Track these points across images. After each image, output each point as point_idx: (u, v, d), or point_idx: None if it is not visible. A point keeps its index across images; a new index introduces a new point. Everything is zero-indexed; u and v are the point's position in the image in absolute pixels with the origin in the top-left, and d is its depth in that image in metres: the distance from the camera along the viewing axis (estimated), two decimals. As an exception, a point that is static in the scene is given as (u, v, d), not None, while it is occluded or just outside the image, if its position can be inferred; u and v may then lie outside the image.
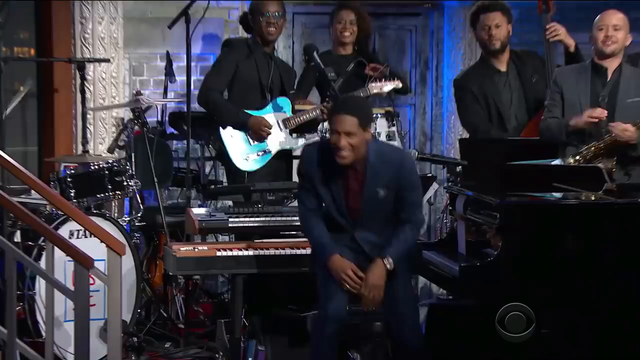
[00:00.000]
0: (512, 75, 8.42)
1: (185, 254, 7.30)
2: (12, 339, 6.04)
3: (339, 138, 6.25)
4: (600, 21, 7.54)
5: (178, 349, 7.88)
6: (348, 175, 6.42)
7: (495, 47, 8.40)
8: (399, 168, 6.45)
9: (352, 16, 8.87)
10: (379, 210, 6.48)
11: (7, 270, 6.16)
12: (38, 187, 6.51)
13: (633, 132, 7.25)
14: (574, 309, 6.18)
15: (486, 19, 8.41)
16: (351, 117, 6.26)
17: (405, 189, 6.43)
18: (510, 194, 6.52)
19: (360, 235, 6.49)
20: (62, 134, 9.65)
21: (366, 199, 6.43)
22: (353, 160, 6.33)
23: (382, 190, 6.40)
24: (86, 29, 9.76)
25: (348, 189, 6.45)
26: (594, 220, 6.30)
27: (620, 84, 7.47)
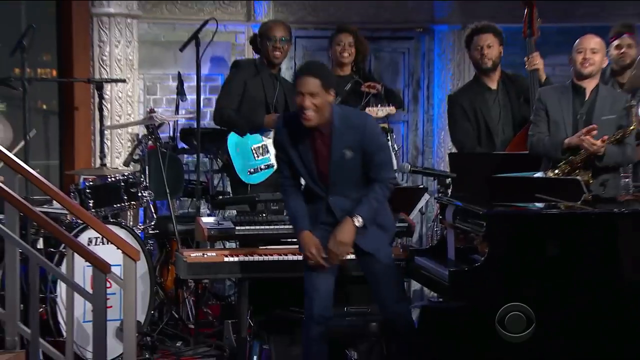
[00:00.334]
0: (501, 93, 8.42)
1: (195, 260, 7.30)
2: (36, 338, 6.04)
3: (303, 99, 6.21)
4: (579, 45, 7.55)
5: (188, 348, 7.88)
6: (315, 139, 6.34)
7: (487, 65, 8.40)
8: (363, 130, 6.36)
9: (350, 39, 8.86)
10: (349, 173, 6.37)
11: (30, 275, 6.18)
12: (59, 197, 6.52)
13: (600, 146, 7.27)
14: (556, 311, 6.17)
15: (479, 40, 8.42)
16: (314, 79, 6.23)
17: (371, 151, 6.34)
18: (496, 204, 6.53)
19: (333, 200, 6.39)
20: (82, 148, 9.66)
21: (334, 161, 6.33)
22: (318, 122, 6.27)
23: (348, 151, 6.31)
24: (104, 52, 9.78)
25: (317, 154, 6.36)
26: (573, 228, 6.30)
27: (596, 102, 7.48)
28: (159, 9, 10.36)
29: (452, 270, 6.38)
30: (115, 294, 7.02)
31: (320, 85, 6.23)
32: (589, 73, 7.48)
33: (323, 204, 6.43)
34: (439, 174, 7.86)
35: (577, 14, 10.69)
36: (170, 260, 8.51)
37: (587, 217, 6.38)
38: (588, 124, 7.40)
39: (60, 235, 6.30)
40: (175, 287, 8.46)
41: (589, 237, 6.26)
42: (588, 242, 6.24)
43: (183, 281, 8.25)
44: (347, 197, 6.40)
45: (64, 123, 9.82)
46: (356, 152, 6.33)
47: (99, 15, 9.79)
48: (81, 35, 9.75)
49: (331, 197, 6.40)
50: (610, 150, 7.32)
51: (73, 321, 6.32)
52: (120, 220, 8.00)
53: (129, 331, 6.32)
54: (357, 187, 6.42)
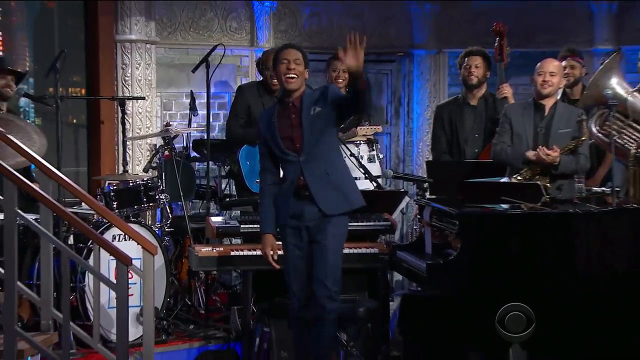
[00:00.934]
0: (480, 109, 8.39)
1: (205, 254, 7.30)
2: (67, 322, 6.04)
3: (289, 63, 6.26)
4: (539, 68, 7.56)
5: (200, 330, 7.87)
6: (290, 114, 6.32)
7: (472, 82, 8.38)
8: (324, 89, 6.40)
9: (344, 66, 8.77)
10: (319, 133, 6.28)
11: (62, 267, 6.17)
12: (87, 200, 6.51)
13: (555, 156, 7.29)
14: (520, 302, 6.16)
15: (469, 60, 8.43)
16: (297, 51, 6.35)
17: (334, 96, 6.31)
18: (467, 205, 6.52)
19: (304, 160, 6.26)
20: (107, 157, 9.66)
21: (303, 116, 6.27)
22: (298, 87, 6.30)
23: (316, 107, 6.28)
24: (126, 73, 9.78)
25: (291, 124, 6.30)
26: (534, 226, 6.30)
27: (554, 118, 7.49)
28: (174, 36, 10.37)
29: (429, 263, 6.38)
30: (136, 284, 7.02)
31: (302, 57, 6.33)
32: (547, 93, 7.50)
33: (297, 172, 6.30)
34: (417, 180, 7.86)
35: (537, 40, 10.72)
36: (184, 254, 8.50)
37: (546, 216, 6.38)
38: (547, 137, 7.43)
39: (88, 233, 6.30)
40: (188, 278, 8.46)
41: (548, 234, 6.26)
42: (547, 238, 6.25)
43: (195, 272, 8.25)
44: (317, 160, 6.29)
45: (92, 135, 9.82)
46: (323, 106, 6.28)
47: (122, 41, 9.81)
48: (106, 58, 9.76)
49: (302, 158, 6.27)
50: (565, 160, 7.34)
51: (99, 307, 6.33)
52: (140, 220, 7.99)
53: (148, 316, 6.31)
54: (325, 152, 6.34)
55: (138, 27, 9.85)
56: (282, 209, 6.38)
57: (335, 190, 6.33)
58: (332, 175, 6.33)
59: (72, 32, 9.83)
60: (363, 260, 7.34)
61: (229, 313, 7.96)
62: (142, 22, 9.86)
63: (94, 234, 6.30)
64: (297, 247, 6.37)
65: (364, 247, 7.37)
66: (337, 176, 6.39)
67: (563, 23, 11.06)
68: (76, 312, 7.18)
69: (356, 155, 7.93)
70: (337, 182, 6.37)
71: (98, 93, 9.66)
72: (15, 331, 5.85)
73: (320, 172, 6.30)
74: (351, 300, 7.08)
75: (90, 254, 7.07)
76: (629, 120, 7.59)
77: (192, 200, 9.34)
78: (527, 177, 7.34)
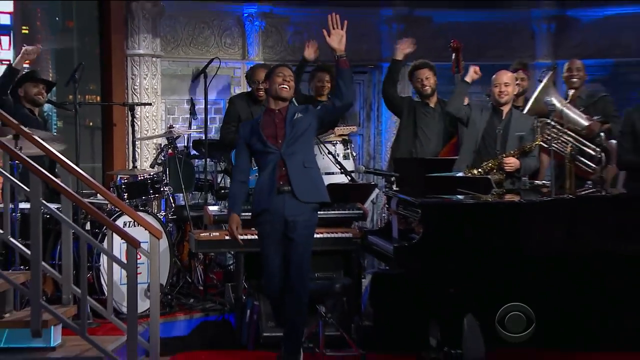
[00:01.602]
0: (437, 111, 8.40)
1: (203, 238, 7.31)
2: (84, 296, 6.03)
3: (285, 76, 6.27)
4: (495, 80, 7.57)
5: (199, 304, 7.85)
6: (274, 119, 6.28)
7: (427, 92, 8.36)
8: (307, 106, 6.45)
9: (327, 76, 8.72)
10: (299, 133, 6.24)
11: (80, 249, 6.17)
12: (102, 191, 6.49)
13: (514, 164, 7.33)
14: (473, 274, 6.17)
15: (419, 74, 8.39)
16: (290, 70, 6.38)
17: (318, 108, 6.37)
18: (428, 196, 6.53)
19: (285, 153, 6.20)
20: (119, 155, 9.64)
21: (287, 119, 6.24)
22: (289, 96, 6.31)
23: (299, 114, 6.27)
24: (135, 83, 9.78)
25: (274, 125, 6.26)
26: (485, 214, 6.32)
27: (510, 122, 7.50)
28: (176, 50, 10.36)
29: (395, 246, 6.39)
30: (144, 264, 7.00)
31: (292, 74, 6.36)
32: (504, 102, 7.52)
33: (276, 161, 6.21)
34: (386, 174, 7.86)
35: (488, 55, 10.73)
36: (185, 238, 8.49)
37: (495, 205, 6.41)
38: (505, 137, 7.46)
39: (102, 220, 6.28)
40: (189, 259, 8.44)
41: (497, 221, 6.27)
42: (496, 224, 6.25)
43: (194, 254, 8.24)
44: (296, 154, 6.23)
45: (105, 136, 9.81)
46: (305, 115, 6.27)
47: (132, 55, 9.81)
48: (118, 70, 9.76)
49: (284, 150, 6.21)
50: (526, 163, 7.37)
51: (112, 284, 6.31)
52: (147, 208, 7.98)
53: (154, 291, 6.29)
54: (303, 148, 6.29)
55: (145, 43, 9.84)
56: (263, 200, 6.27)
57: (310, 182, 6.28)
58: (308, 169, 6.29)
59: (88, 48, 9.81)
60: (339, 244, 7.35)
61: (223, 289, 7.95)
62: (149, 39, 9.86)
63: (107, 220, 6.28)
64: (272, 242, 6.28)
65: (339, 232, 7.38)
66: (313, 171, 6.34)
67: (510, 40, 11.11)
68: (92, 288, 7.17)
69: (333, 153, 7.92)
70: (312, 175, 6.32)
71: (111, 99, 9.65)
72: (40, 304, 5.84)
73: (299, 163, 6.23)
74: (329, 277, 7.09)
75: (104, 238, 7.05)
76: (564, 128, 7.67)
77: (192, 192, 9.33)
78: (486, 171, 7.35)
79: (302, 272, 6.20)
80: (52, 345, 6.02)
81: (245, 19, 10.67)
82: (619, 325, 6.60)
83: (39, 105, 7.80)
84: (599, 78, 10.77)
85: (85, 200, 6.55)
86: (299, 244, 6.18)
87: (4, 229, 6.16)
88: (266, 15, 10.71)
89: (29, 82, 7.72)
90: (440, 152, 8.28)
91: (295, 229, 6.19)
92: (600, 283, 6.59)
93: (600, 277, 6.57)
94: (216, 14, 10.61)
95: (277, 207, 6.21)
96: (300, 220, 6.20)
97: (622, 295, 6.63)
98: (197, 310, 7.74)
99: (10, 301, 6.22)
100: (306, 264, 6.23)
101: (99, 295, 7.11)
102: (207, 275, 8.35)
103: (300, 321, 6.27)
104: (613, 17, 11.02)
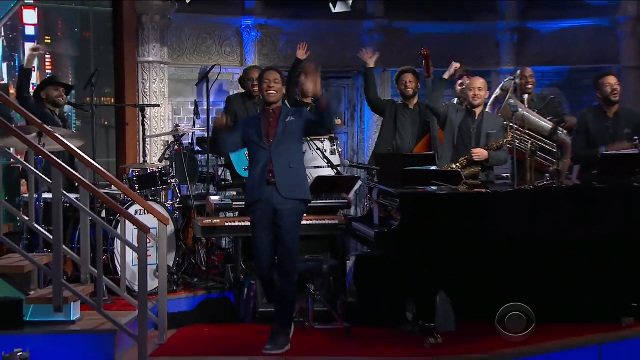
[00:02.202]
0: (415, 112, 8.35)
1: (206, 224, 7.30)
2: (100, 276, 6.03)
3: (270, 82, 6.19)
4: (470, 85, 7.58)
5: (202, 283, 7.82)
6: (269, 118, 6.22)
7: (409, 94, 8.32)
8: (300, 109, 6.41)
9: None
10: (289, 134, 6.18)
11: (97, 234, 6.18)
12: (116, 183, 6.49)
13: (481, 154, 7.33)
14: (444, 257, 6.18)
15: (404, 77, 8.35)
16: (276, 72, 6.27)
17: (307, 117, 6.26)
18: (406, 187, 6.52)
19: (274, 152, 6.12)
20: (131, 150, 9.62)
21: (280, 120, 6.18)
22: (276, 99, 6.23)
23: (290, 117, 6.21)
24: (145, 86, 9.77)
25: (269, 126, 6.19)
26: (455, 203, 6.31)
27: (483, 122, 7.49)
28: (182, 58, 10.36)
29: (376, 231, 6.40)
30: (153, 247, 6.99)
31: (279, 77, 6.26)
32: (478, 104, 7.51)
33: (267, 158, 6.14)
34: (368, 168, 7.89)
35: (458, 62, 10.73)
36: (190, 225, 8.46)
37: (464, 195, 6.40)
38: (478, 135, 7.47)
39: (116, 208, 6.28)
40: (193, 243, 8.41)
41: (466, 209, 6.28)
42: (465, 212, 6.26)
43: (198, 239, 8.20)
44: (285, 152, 6.16)
45: (119, 134, 9.78)
46: (296, 119, 6.21)
47: (142, 62, 9.79)
48: (130, 75, 9.74)
49: (274, 149, 6.15)
50: (494, 155, 7.37)
51: (125, 265, 6.31)
52: (156, 198, 7.94)
53: (162, 272, 6.31)
54: (292, 149, 6.23)
55: (154, 51, 9.82)
56: (255, 191, 6.19)
57: (293, 180, 6.19)
58: (293, 169, 6.20)
59: (104, 55, 9.77)
60: (326, 229, 7.35)
61: (224, 270, 7.92)
62: (157, 48, 9.84)
63: (120, 209, 6.27)
64: (263, 227, 6.19)
65: (327, 219, 7.37)
66: (297, 171, 6.26)
67: (477, 49, 11.13)
68: (107, 269, 7.14)
69: (321, 149, 7.91)
70: (296, 175, 6.23)
71: (124, 101, 9.62)
72: (61, 283, 5.84)
73: (285, 163, 6.17)
74: (317, 259, 7.07)
75: (117, 225, 7.04)
76: (525, 129, 7.70)
77: (195, 184, 9.29)
78: (463, 165, 7.36)
79: (292, 255, 6.16)
80: (71, 319, 6.04)
81: (243, 30, 10.67)
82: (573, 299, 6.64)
83: (60, 107, 7.77)
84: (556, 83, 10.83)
85: (101, 190, 6.53)
86: (287, 230, 6.14)
87: (29, 216, 6.17)
88: (261, 26, 10.71)
89: (50, 86, 7.71)
90: (415, 148, 8.28)
91: (283, 216, 6.13)
92: (556, 263, 6.64)
93: (556, 258, 6.62)
94: (217, 25, 10.60)
95: (267, 197, 6.14)
96: (286, 209, 6.14)
97: (575, 273, 6.67)
98: (200, 289, 7.71)
99: (35, 280, 6.23)
100: (294, 248, 6.19)
101: (113, 275, 7.08)
102: (209, 257, 8.32)
103: (291, 298, 6.25)
104: (568, 29, 11.08)
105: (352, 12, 10.34)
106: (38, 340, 5.72)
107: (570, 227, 6.39)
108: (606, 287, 6.61)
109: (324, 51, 10.80)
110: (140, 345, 5.80)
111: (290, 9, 10.87)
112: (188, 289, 7.71)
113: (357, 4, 10.39)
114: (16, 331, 5.79)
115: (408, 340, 6.25)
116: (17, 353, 5.00)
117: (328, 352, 6.11)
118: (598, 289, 6.63)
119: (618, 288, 6.59)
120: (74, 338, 5.84)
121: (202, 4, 10.03)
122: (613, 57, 10.78)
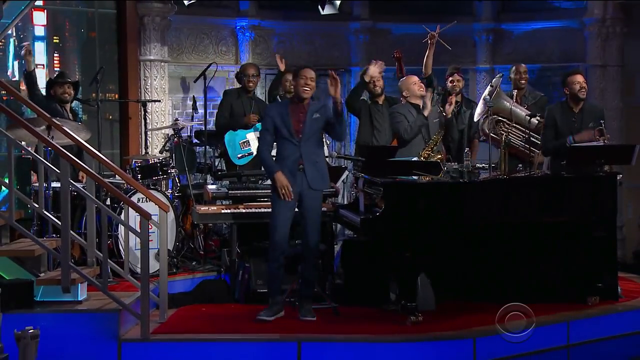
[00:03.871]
0: (385, 106, 8.34)
1: (203, 211, 7.29)
2: (105, 259, 6.02)
3: (307, 79, 6.29)
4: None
5: (199, 266, 7.85)
6: (298, 112, 6.31)
7: (377, 91, 8.31)
8: (325, 106, 6.44)
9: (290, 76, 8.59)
10: (315, 130, 6.31)
11: (102, 221, 6.15)
12: (120, 173, 6.49)
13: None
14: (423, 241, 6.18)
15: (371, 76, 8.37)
16: (313, 71, 6.37)
17: (327, 116, 6.34)
18: (388, 177, 6.52)
19: (303, 146, 6.26)
20: (133, 143, 9.57)
21: (308, 117, 6.28)
22: (308, 97, 6.33)
23: (316, 114, 6.31)
24: (147, 83, 9.73)
25: (298, 119, 6.29)
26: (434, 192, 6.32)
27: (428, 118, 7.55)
28: (181, 56, 10.33)
29: (362, 217, 6.43)
30: (154, 232, 6.95)
31: (314, 76, 6.37)
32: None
33: (295, 152, 6.27)
34: (354, 159, 7.90)
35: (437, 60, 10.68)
36: (188, 212, 8.45)
37: (443, 184, 6.41)
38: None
39: (120, 196, 6.26)
40: (192, 228, 8.41)
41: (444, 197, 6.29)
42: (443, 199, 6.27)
43: (196, 224, 8.21)
44: (311, 147, 6.30)
45: (123, 127, 9.73)
46: (321, 116, 6.32)
47: (144, 60, 9.75)
48: (133, 72, 9.69)
49: (302, 143, 6.27)
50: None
51: (128, 249, 6.30)
52: (157, 187, 7.93)
53: (163, 255, 6.31)
54: (316, 143, 6.36)
55: (155, 50, 9.78)
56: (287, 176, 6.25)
57: (318, 172, 6.34)
58: (318, 162, 6.36)
59: (108, 54, 9.73)
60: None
61: (220, 253, 7.93)
62: (158, 47, 9.79)
63: (124, 197, 6.26)
64: (287, 209, 6.28)
65: (316, 206, 7.37)
66: (321, 164, 6.41)
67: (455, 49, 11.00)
68: (112, 252, 7.15)
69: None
70: (320, 167, 6.38)
71: (127, 97, 9.59)
72: (69, 265, 5.84)
73: (312, 155, 6.31)
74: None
75: (121, 212, 7.03)
76: (512, 123, 7.71)
77: (194, 173, 9.29)
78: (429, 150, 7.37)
79: (315, 235, 6.31)
80: (79, 299, 6.04)
81: (237, 30, 10.65)
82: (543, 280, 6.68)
83: (67, 102, 7.74)
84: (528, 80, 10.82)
85: (106, 180, 6.52)
86: (311, 213, 6.29)
87: (39, 203, 6.15)
88: (255, 27, 10.69)
89: (58, 83, 7.68)
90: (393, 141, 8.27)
91: (310, 200, 6.29)
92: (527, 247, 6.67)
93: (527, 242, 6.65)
94: (214, 26, 10.58)
95: (297, 184, 6.25)
96: (312, 196, 6.30)
97: (545, 256, 6.70)
98: (198, 271, 7.72)
99: (45, 263, 6.23)
100: (317, 228, 6.33)
101: (117, 259, 7.07)
102: (206, 242, 8.33)
103: (313, 273, 6.39)
104: (539, 30, 11.09)
105: (339, 14, 10.34)
106: (48, 319, 5.71)
107: (540, 213, 6.42)
108: (573, 268, 6.65)
109: (312, 50, 10.86)
110: (142, 323, 5.82)
111: (282, 11, 10.87)
112: (187, 271, 7.72)
113: (344, 6, 10.38)
114: (27, 310, 5.78)
115: (391, 318, 6.27)
116: (29, 330, 5.01)
117: (317, 329, 6.12)
118: (566, 271, 6.68)
119: (584, 269, 6.63)
120: (81, 317, 5.84)
121: (199, 6, 10.00)
122: (580, 56, 10.81)
